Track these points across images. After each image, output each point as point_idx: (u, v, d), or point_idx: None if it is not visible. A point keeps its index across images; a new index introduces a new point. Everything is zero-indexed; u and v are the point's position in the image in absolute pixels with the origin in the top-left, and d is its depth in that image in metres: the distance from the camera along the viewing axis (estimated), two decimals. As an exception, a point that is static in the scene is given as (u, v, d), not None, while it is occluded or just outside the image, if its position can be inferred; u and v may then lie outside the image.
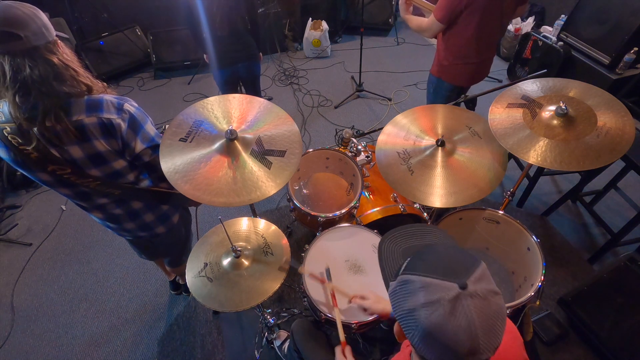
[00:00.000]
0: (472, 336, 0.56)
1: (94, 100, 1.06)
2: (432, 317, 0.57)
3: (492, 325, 0.58)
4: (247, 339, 1.90)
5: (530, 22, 3.73)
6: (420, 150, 1.45)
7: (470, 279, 0.59)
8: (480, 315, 0.57)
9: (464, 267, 0.62)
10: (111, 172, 1.16)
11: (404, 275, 0.64)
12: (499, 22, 1.84)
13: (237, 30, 2.20)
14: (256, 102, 1.36)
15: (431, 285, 0.59)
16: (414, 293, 0.60)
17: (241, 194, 1.16)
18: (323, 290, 1.34)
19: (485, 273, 0.62)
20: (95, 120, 1.05)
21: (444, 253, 0.67)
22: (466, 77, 2.03)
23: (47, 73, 0.98)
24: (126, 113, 1.10)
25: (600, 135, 1.25)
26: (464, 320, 0.56)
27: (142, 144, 1.14)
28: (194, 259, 1.31)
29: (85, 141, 1.06)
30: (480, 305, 0.58)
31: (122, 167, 1.17)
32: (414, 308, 0.59)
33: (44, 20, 1.01)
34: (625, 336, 1.63)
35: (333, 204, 1.91)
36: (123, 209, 1.31)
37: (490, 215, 1.57)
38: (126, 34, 3.90)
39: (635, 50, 2.73)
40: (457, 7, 1.73)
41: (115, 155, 1.13)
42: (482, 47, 1.90)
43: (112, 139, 1.09)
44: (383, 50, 4.36)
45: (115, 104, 1.09)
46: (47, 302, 2.17)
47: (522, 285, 1.48)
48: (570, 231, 2.35)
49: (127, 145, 1.13)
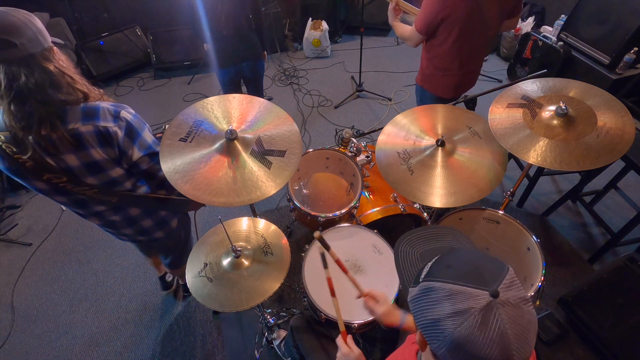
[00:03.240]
0: (505, 347, 0.53)
1: (90, 108, 1.04)
2: (461, 328, 0.53)
3: (525, 335, 0.55)
4: (247, 339, 1.90)
5: (530, 22, 3.73)
6: (420, 150, 1.45)
7: (501, 286, 0.55)
8: (513, 325, 0.53)
9: (492, 273, 0.57)
10: (108, 180, 1.15)
11: (427, 282, 0.60)
12: (482, 35, 1.80)
13: (241, 29, 2.20)
14: (256, 102, 1.36)
15: (459, 293, 0.55)
16: (439, 302, 0.56)
17: (241, 194, 1.16)
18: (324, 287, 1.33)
19: (514, 279, 0.58)
20: (92, 128, 1.03)
21: (469, 258, 0.62)
22: (448, 88, 1.99)
23: (43, 81, 0.96)
24: (123, 121, 1.08)
25: (600, 135, 1.25)
26: (496, 331, 0.53)
27: (140, 151, 1.13)
28: (194, 259, 1.31)
29: (82, 150, 1.04)
30: (513, 314, 0.54)
31: (119, 175, 1.16)
32: (440, 318, 0.55)
33: (40, 26, 0.98)
34: (625, 336, 1.63)
35: (333, 204, 1.91)
36: (120, 215, 1.30)
37: (490, 215, 1.57)
38: (126, 34, 3.90)
39: (635, 50, 2.73)
40: (434, 19, 1.71)
41: (112, 163, 1.12)
42: (465, 60, 1.87)
43: (108, 147, 1.07)
44: (383, 50, 4.36)
45: (112, 112, 1.07)
46: (47, 302, 2.17)
47: (522, 285, 1.47)
48: (570, 231, 2.35)
49: (124, 154, 1.11)
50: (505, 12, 1.77)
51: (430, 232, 0.82)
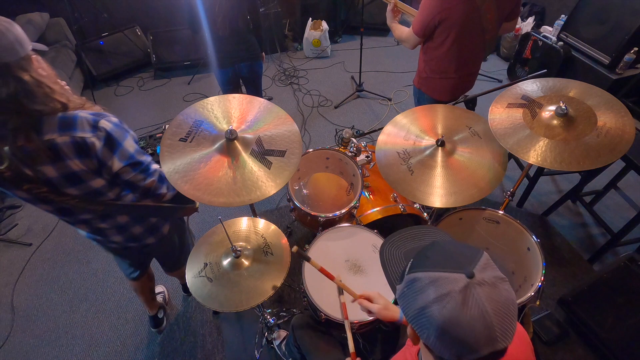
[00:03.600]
0: (487, 324, 0.56)
1: (67, 118, 1.00)
2: (444, 311, 0.56)
3: (505, 311, 0.58)
4: (247, 339, 1.90)
5: (530, 22, 3.73)
6: (420, 150, 1.45)
7: (476, 267, 0.59)
8: (492, 302, 0.57)
9: (467, 257, 0.62)
10: (89, 190, 1.11)
11: (410, 275, 0.63)
12: (480, 39, 1.79)
13: (238, 30, 2.20)
14: (256, 102, 1.36)
15: (439, 279, 0.59)
16: (422, 290, 0.60)
17: (241, 194, 1.16)
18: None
19: (489, 261, 0.62)
20: (68, 139, 0.99)
21: (446, 247, 0.66)
22: (445, 91, 1.99)
23: (17, 91, 0.92)
24: (102, 131, 1.03)
25: (600, 135, 1.25)
26: (476, 309, 0.56)
27: (120, 162, 1.08)
28: (194, 259, 1.31)
29: (59, 161, 1.00)
30: (490, 292, 0.58)
31: (100, 185, 1.12)
32: (425, 305, 0.58)
33: (18, 34, 0.94)
34: (625, 336, 1.63)
35: (333, 204, 1.91)
36: (109, 223, 1.26)
37: (490, 215, 1.57)
38: (126, 34, 3.90)
39: (635, 50, 2.73)
40: (430, 22, 1.71)
41: (92, 174, 1.07)
42: (462, 63, 1.86)
43: (86, 159, 1.03)
44: (383, 50, 4.36)
45: (91, 121, 1.02)
46: (47, 302, 2.17)
47: (522, 285, 1.48)
48: (570, 231, 2.35)
49: (104, 164, 1.06)
50: (503, 16, 1.76)
51: (413, 232, 0.85)
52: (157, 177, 1.18)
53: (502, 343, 0.57)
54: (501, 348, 0.57)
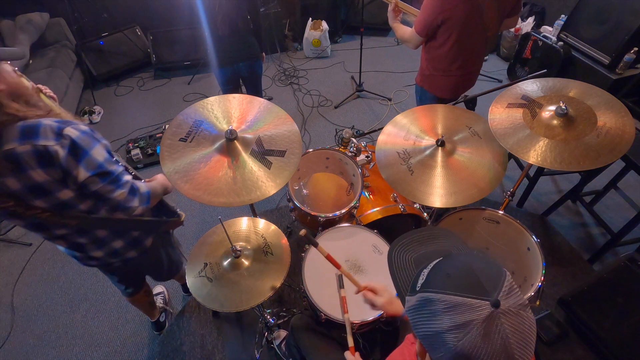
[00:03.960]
0: (508, 356, 0.52)
1: (29, 126, 0.95)
2: (464, 341, 0.53)
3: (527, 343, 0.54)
4: (247, 339, 1.90)
5: (530, 22, 3.73)
6: (420, 150, 1.45)
7: (501, 294, 0.54)
8: (516, 333, 0.53)
9: (491, 280, 0.56)
10: (58, 203, 1.04)
11: (425, 293, 0.58)
12: (482, 36, 1.80)
13: (238, 29, 2.20)
14: (256, 102, 1.36)
15: (459, 305, 0.54)
16: (438, 314, 0.55)
17: (241, 194, 1.16)
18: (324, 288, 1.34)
19: (512, 285, 0.57)
20: (30, 148, 0.93)
21: (466, 264, 0.61)
22: (448, 89, 2.00)
23: None
24: (66, 139, 0.97)
25: (600, 135, 1.25)
26: (499, 341, 0.52)
27: (87, 171, 1.01)
28: (194, 259, 1.31)
29: (21, 172, 0.95)
30: (515, 322, 0.54)
31: (69, 197, 1.04)
32: (440, 331, 0.55)
33: None
34: (625, 336, 1.63)
35: (333, 204, 1.91)
36: (87, 237, 1.20)
37: (490, 215, 1.57)
38: (126, 34, 3.90)
39: (635, 50, 2.73)
40: (433, 22, 1.72)
41: (58, 185, 1.01)
42: (464, 60, 1.87)
43: (50, 168, 0.97)
44: (383, 50, 4.36)
45: (55, 129, 0.96)
46: (47, 302, 2.17)
47: (522, 285, 1.48)
48: (570, 231, 2.35)
49: (69, 174, 0.99)
50: (504, 12, 1.77)
51: (423, 234, 0.81)
52: (127, 189, 1.11)
53: None
54: None
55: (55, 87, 3.19)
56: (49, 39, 3.66)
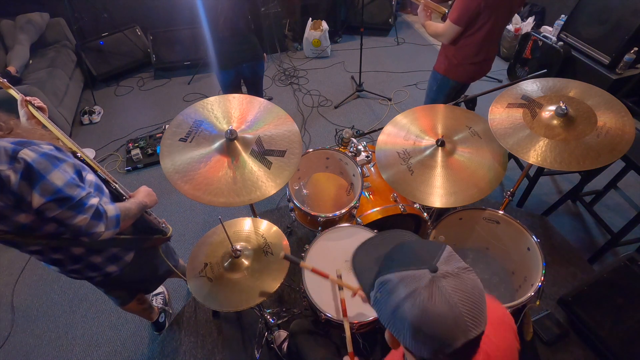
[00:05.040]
0: (456, 315, 0.56)
1: None
2: (413, 309, 0.57)
3: (472, 300, 0.58)
4: (247, 339, 1.90)
5: (530, 22, 3.73)
6: (420, 150, 1.45)
7: (439, 261, 0.61)
8: (458, 292, 0.58)
9: (430, 253, 0.63)
10: (18, 226, 0.97)
11: (380, 278, 0.64)
12: (507, 20, 1.89)
13: (240, 30, 2.20)
14: (256, 102, 1.36)
15: (406, 277, 0.60)
16: (393, 291, 0.61)
17: (241, 194, 1.16)
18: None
19: (452, 254, 0.63)
20: None
21: (410, 246, 0.68)
22: (471, 74, 2.09)
23: None
24: (20, 162, 0.90)
25: (600, 135, 1.25)
26: (443, 302, 0.57)
27: (41, 197, 0.93)
28: (194, 259, 1.31)
29: None
30: (455, 283, 0.58)
31: (29, 221, 0.98)
32: (397, 305, 0.59)
33: None
34: (625, 336, 1.63)
35: (333, 204, 1.91)
36: (62, 254, 1.14)
37: (490, 215, 1.57)
38: (126, 34, 3.90)
39: (635, 50, 2.73)
40: (475, 9, 1.74)
41: (13, 210, 0.95)
42: (491, 45, 1.96)
43: (1, 194, 0.91)
44: (383, 50, 4.36)
45: (10, 152, 0.90)
46: (47, 302, 2.17)
47: (522, 285, 1.48)
48: (570, 231, 2.35)
49: (22, 200, 0.92)
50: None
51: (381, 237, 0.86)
52: (90, 214, 1.01)
53: (475, 331, 0.57)
54: (474, 336, 0.57)
55: (55, 87, 3.19)
56: (49, 39, 3.66)
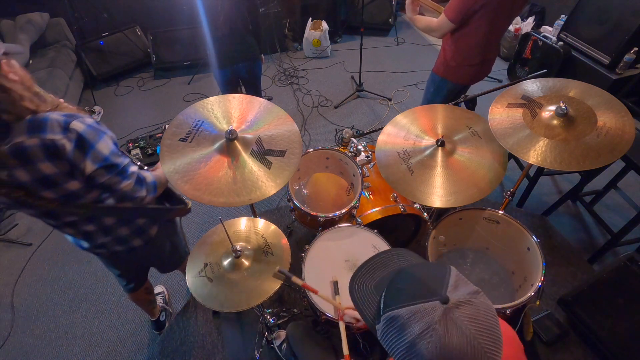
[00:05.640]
0: (475, 347, 0.54)
1: (37, 120, 0.97)
2: (430, 345, 0.54)
3: (489, 328, 0.56)
4: (247, 339, 1.90)
5: (530, 22, 3.73)
6: (420, 150, 1.45)
7: (448, 289, 0.58)
8: (473, 322, 0.55)
9: (436, 281, 0.60)
10: (66, 194, 1.06)
11: (387, 313, 0.61)
12: (508, 21, 1.85)
13: (238, 30, 2.20)
14: (256, 102, 1.36)
15: (417, 312, 0.56)
16: (405, 327, 0.57)
17: (241, 194, 1.16)
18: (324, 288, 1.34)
19: (458, 277, 0.61)
20: (38, 142, 0.95)
21: (413, 274, 0.64)
22: (470, 76, 2.04)
23: None
24: (72, 132, 0.99)
25: (600, 135, 1.25)
26: (461, 335, 0.54)
27: (93, 164, 1.03)
28: (194, 259, 1.31)
29: (29, 164, 0.97)
30: (469, 312, 0.56)
31: (77, 188, 1.07)
32: (411, 343, 0.56)
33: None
34: (625, 336, 1.63)
35: (333, 204, 1.91)
36: (95, 225, 1.22)
37: (490, 215, 1.57)
38: (126, 34, 3.90)
39: (635, 50, 2.73)
40: (472, 7, 1.70)
41: (66, 177, 1.03)
42: (491, 47, 1.91)
43: (58, 161, 0.99)
44: (383, 50, 4.36)
45: (62, 123, 0.99)
46: (47, 302, 2.17)
47: (522, 285, 1.48)
48: (570, 231, 2.35)
49: (76, 167, 1.02)
50: (527, 1, 1.82)
51: (376, 261, 0.81)
52: (134, 179, 1.13)
53: (497, 357, 0.55)
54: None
55: (55, 87, 3.19)
56: (49, 39, 3.66)
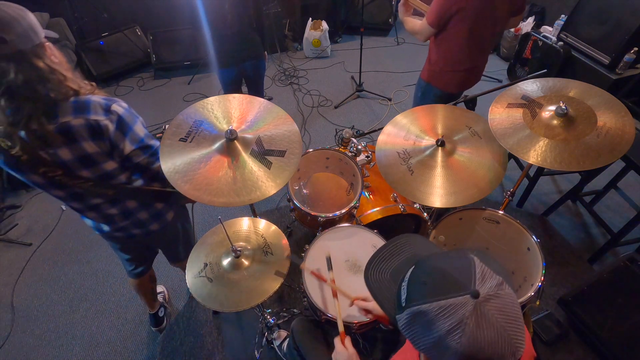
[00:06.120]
0: (506, 339, 0.55)
1: (81, 102, 1.05)
2: (463, 339, 0.54)
3: (515, 318, 0.57)
4: (247, 339, 1.90)
5: (530, 22, 3.73)
6: (420, 150, 1.45)
7: (477, 283, 0.57)
8: (502, 314, 0.56)
9: (463, 273, 0.59)
10: (102, 173, 1.15)
11: (413, 307, 0.60)
12: (491, 30, 1.82)
13: (244, 28, 2.20)
14: (256, 102, 1.36)
15: (447, 307, 0.56)
16: (434, 322, 0.57)
17: (241, 194, 1.16)
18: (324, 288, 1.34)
19: (483, 268, 0.60)
20: (83, 121, 1.03)
21: (438, 267, 0.63)
22: (455, 84, 2.02)
23: (31, 78, 0.96)
24: (114, 114, 1.08)
25: (600, 135, 1.25)
26: (492, 328, 0.55)
27: (131, 145, 1.13)
28: (194, 259, 1.31)
29: (74, 143, 1.05)
30: (498, 305, 0.56)
31: (112, 168, 1.16)
32: (441, 337, 0.56)
33: (32, 21, 0.97)
34: (625, 336, 1.63)
35: (333, 204, 1.91)
36: (117, 208, 1.29)
37: (490, 215, 1.57)
38: (126, 34, 3.90)
39: (635, 50, 2.73)
40: (447, 11, 1.72)
41: (105, 156, 1.12)
42: (474, 54, 1.89)
43: (100, 141, 1.08)
44: (383, 50, 4.36)
45: (103, 105, 1.07)
46: (47, 302, 2.17)
47: (522, 285, 1.48)
48: (570, 231, 2.35)
49: (116, 147, 1.11)
50: (514, 8, 1.79)
51: (390, 248, 0.82)
52: None
53: (522, 349, 0.56)
54: (521, 354, 0.56)
55: (55, 87, 3.19)
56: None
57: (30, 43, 0.96)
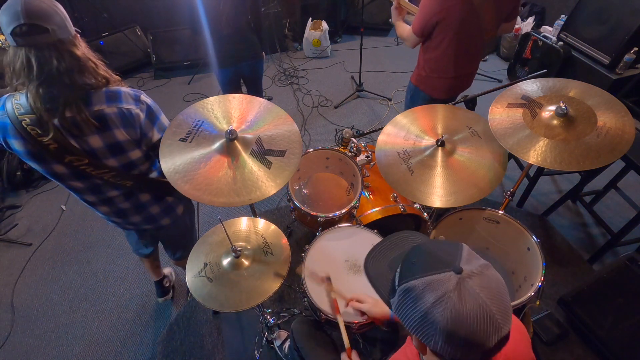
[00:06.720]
0: (487, 314, 0.57)
1: (112, 91, 1.10)
2: (445, 312, 0.57)
3: (499, 297, 0.59)
4: (247, 339, 1.90)
5: (530, 22, 3.73)
6: (420, 150, 1.45)
7: (461, 262, 0.61)
8: (485, 290, 0.58)
9: (450, 254, 0.63)
10: (127, 162, 1.20)
11: (403, 285, 0.63)
12: (478, 38, 1.80)
13: (241, 29, 2.20)
14: (256, 102, 1.36)
15: (432, 282, 0.60)
16: (420, 297, 0.60)
17: (241, 194, 1.16)
18: (326, 294, 1.34)
19: (470, 252, 0.64)
20: (116, 110, 1.08)
21: (428, 249, 0.67)
22: (442, 90, 2.00)
23: (71, 66, 1.01)
24: (143, 104, 1.15)
25: (600, 135, 1.25)
26: (474, 302, 0.57)
27: (159, 133, 1.20)
28: (194, 259, 1.31)
29: (106, 130, 1.10)
30: (481, 282, 0.59)
31: (137, 157, 1.22)
32: (426, 311, 0.59)
33: (65, 14, 1.02)
34: (625, 336, 1.63)
35: (333, 204, 1.91)
36: (131, 202, 1.33)
37: (490, 215, 1.57)
38: (126, 34, 3.90)
39: (635, 50, 2.73)
40: (429, 21, 1.71)
41: (133, 145, 1.18)
42: (461, 62, 1.87)
43: (131, 129, 1.13)
44: (383, 50, 4.36)
45: (133, 95, 1.14)
46: (47, 302, 2.17)
47: (522, 285, 1.48)
48: (570, 231, 2.35)
49: (145, 135, 1.18)
50: (502, 16, 1.77)
51: (389, 242, 0.85)
52: None
53: (505, 327, 0.58)
54: (506, 333, 0.58)
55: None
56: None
57: (68, 33, 1.01)
